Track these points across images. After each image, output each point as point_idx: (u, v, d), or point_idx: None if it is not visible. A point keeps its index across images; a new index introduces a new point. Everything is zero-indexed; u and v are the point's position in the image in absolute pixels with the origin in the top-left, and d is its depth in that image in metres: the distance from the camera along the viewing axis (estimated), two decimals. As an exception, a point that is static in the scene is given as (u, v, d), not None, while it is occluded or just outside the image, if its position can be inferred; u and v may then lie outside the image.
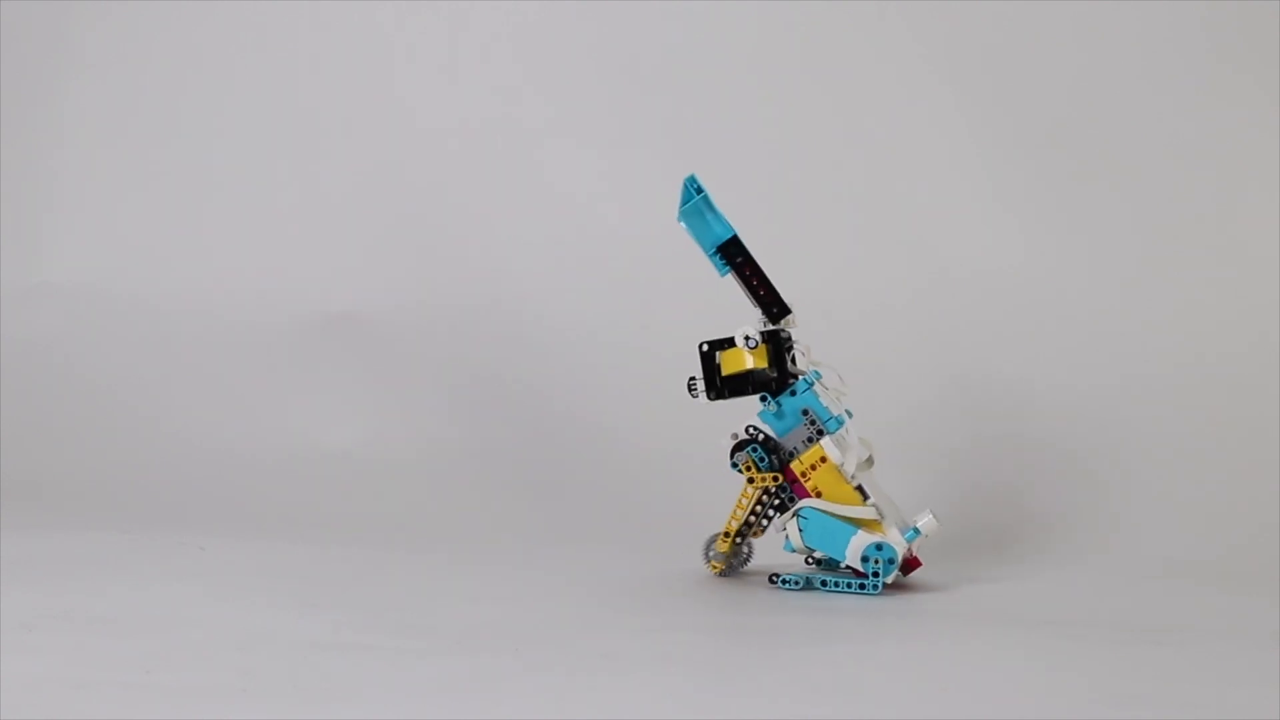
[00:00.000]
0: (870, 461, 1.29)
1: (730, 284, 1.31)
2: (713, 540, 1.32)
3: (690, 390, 1.29)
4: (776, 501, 1.29)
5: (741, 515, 1.29)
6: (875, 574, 1.23)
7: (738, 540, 1.30)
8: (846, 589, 1.25)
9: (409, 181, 1.83)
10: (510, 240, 1.79)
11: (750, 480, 1.28)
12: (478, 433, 1.70)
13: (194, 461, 1.71)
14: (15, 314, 1.90)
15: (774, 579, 1.26)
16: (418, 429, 1.71)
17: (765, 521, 1.30)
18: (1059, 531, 1.47)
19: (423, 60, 1.85)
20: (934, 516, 1.26)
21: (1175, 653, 1.06)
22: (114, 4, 1.93)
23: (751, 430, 1.28)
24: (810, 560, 1.30)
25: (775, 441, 1.28)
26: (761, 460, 1.27)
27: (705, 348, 1.29)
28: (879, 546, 1.24)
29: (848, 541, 1.24)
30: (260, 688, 0.90)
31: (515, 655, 1.01)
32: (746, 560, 1.32)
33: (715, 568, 1.31)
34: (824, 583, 1.25)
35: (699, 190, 1.28)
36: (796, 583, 1.25)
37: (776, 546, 1.29)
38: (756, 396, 1.28)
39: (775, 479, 1.27)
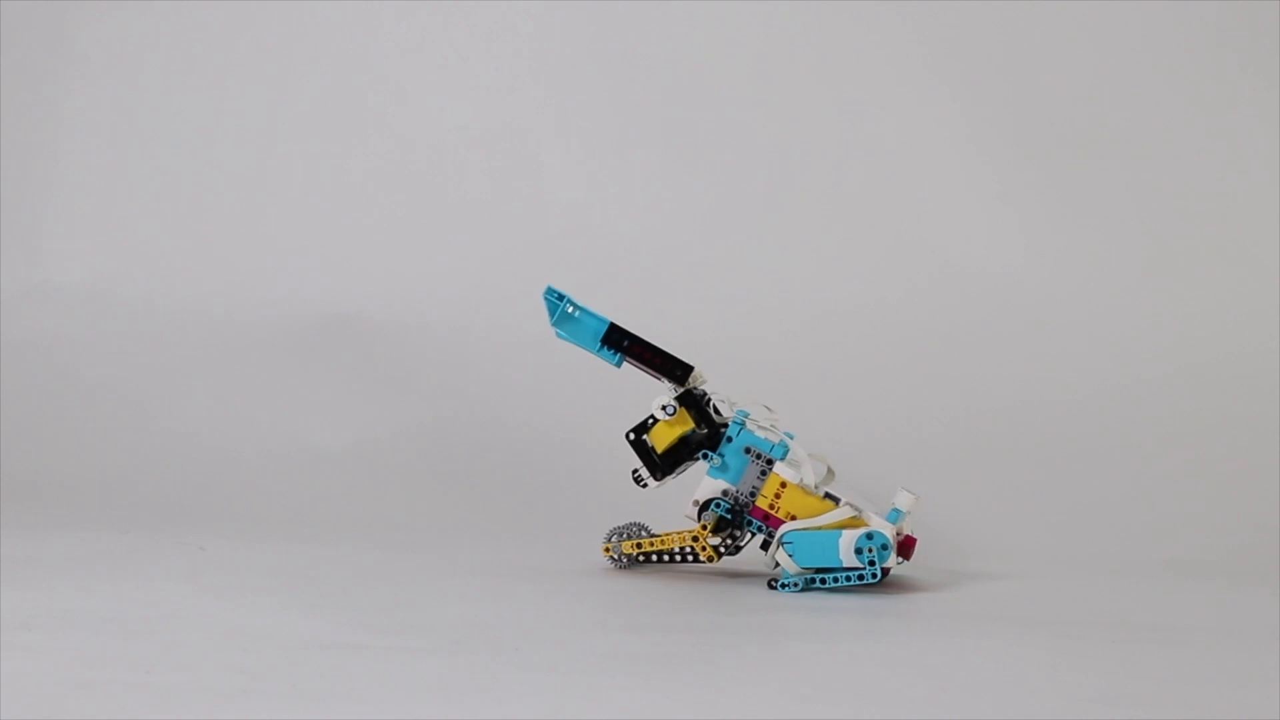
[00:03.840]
0: (831, 474, 1.29)
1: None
2: (623, 534, 1.33)
3: (638, 482, 1.30)
4: (692, 559, 1.31)
5: (658, 547, 1.31)
6: (872, 562, 1.23)
7: (640, 558, 1.33)
8: (846, 582, 1.25)
9: (409, 182, 1.83)
10: (510, 240, 1.79)
11: (694, 538, 1.29)
12: (477, 433, 1.70)
13: (194, 461, 1.71)
14: (15, 314, 1.90)
15: (773, 584, 1.26)
16: (418, 429, 1.71)
17: (670, 560, 1.32)
18: (1059, 531, 1.47)
19: (423, 60, 1.85)
20: (907, 490, 1.27)
21: (1175, 653, 1.06)
22: (114, 4, 1.93)
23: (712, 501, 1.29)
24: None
25: (735, 494, 1.28)
26: (726, 514, 1.27)
27: (632, 436, 1.30)
28: (869, 535, 1.24)
29: (837, 545, 1.24)
30: (260, 688, 0.90)
31: (515, 655, 1.01)
32: (630, 566, 1.34)
33: (607, 550, 1.32)
34: (823, 580, 1.25)
35: (560, 298, 1.28)
36: (796, 584, 1.25)
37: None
38: (700, 457, 1.29)
39: (710, 558, 1.28)
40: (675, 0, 1.77)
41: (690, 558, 1.32)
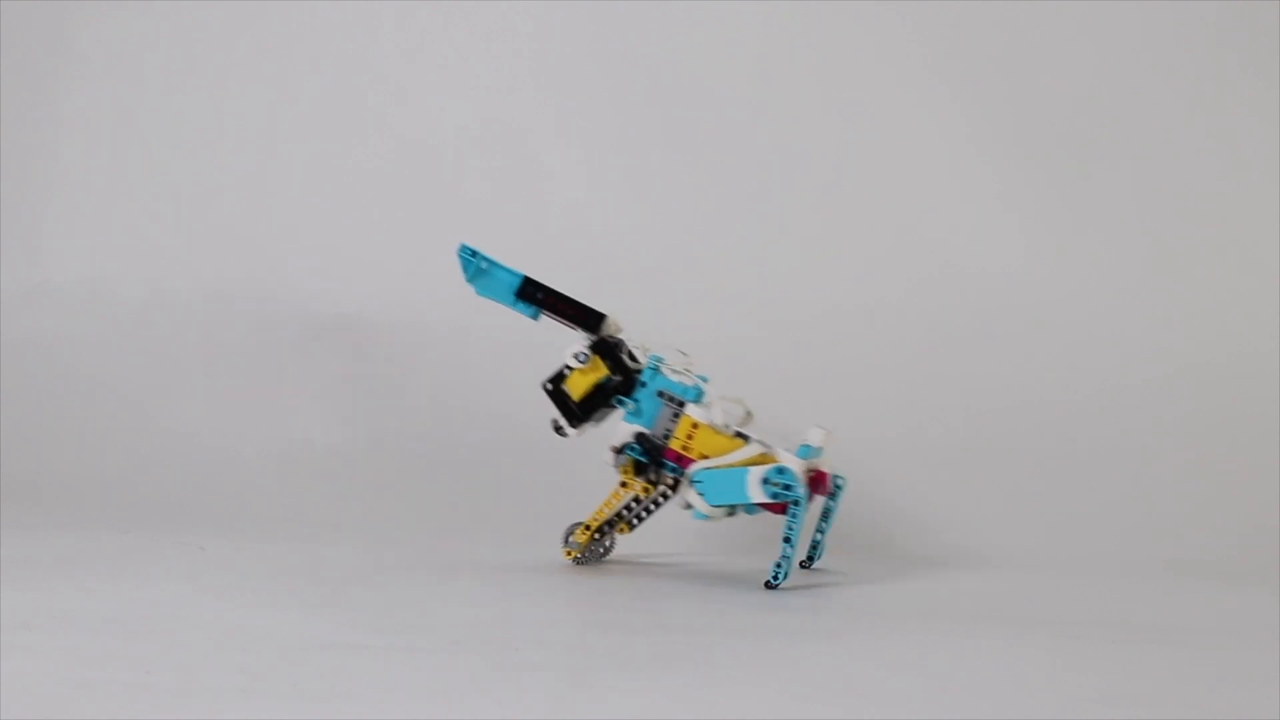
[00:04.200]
0: (750, 416, 1.32)
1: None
2: (573, 529, 1.36)
3: (558, 432, 1.33)
4: (653, 505, 1.35)
5: (606, 513, 1.34)
6: (787, 487, 1.24)
7: (597, 535, 1.35)
8: (792, 519, 1.24)
9: (409, 182, 1.83)
10: (510, 240, 1.79)
11: (624, 484, 1.31)
12: (477, 433, 1.70)
13: (194, 461, 1.72)
14: (15, 314, 1.90)
15: (769, 585, 1.26)
16: (417, 429, 1.71)
17: (637, 521, 1.36)
18: (1059, 531, 1.47)
19: (423, 60, 1.85)
20: (820, 426, 1.29)
21: (1175, 653, 1.06)
22: (114, 4, 1.93)
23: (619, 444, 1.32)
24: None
25: (649, 436, 1.30)
26: (642, 457, 1.30)
27: (550, 386, 1.33)
28: (779, 470, 1.25)
29: (745, 481, 1.26)
30: (260, 688, 0.90)
31: (515, 655, 1.01)
32: (607, 553, 1.37)
33: (569, 554, 1.35)
34: (787, 540, 1.25)
35: (474, 254, 1.32)
36: (780, 565, 1.25)
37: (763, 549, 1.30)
38: (615, 404, 1.31)
39: (645, 490, 1.31)
40: (675, 0, 1.77)
41: (636, 504, 1.35)
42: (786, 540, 1.25)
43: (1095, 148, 1.67)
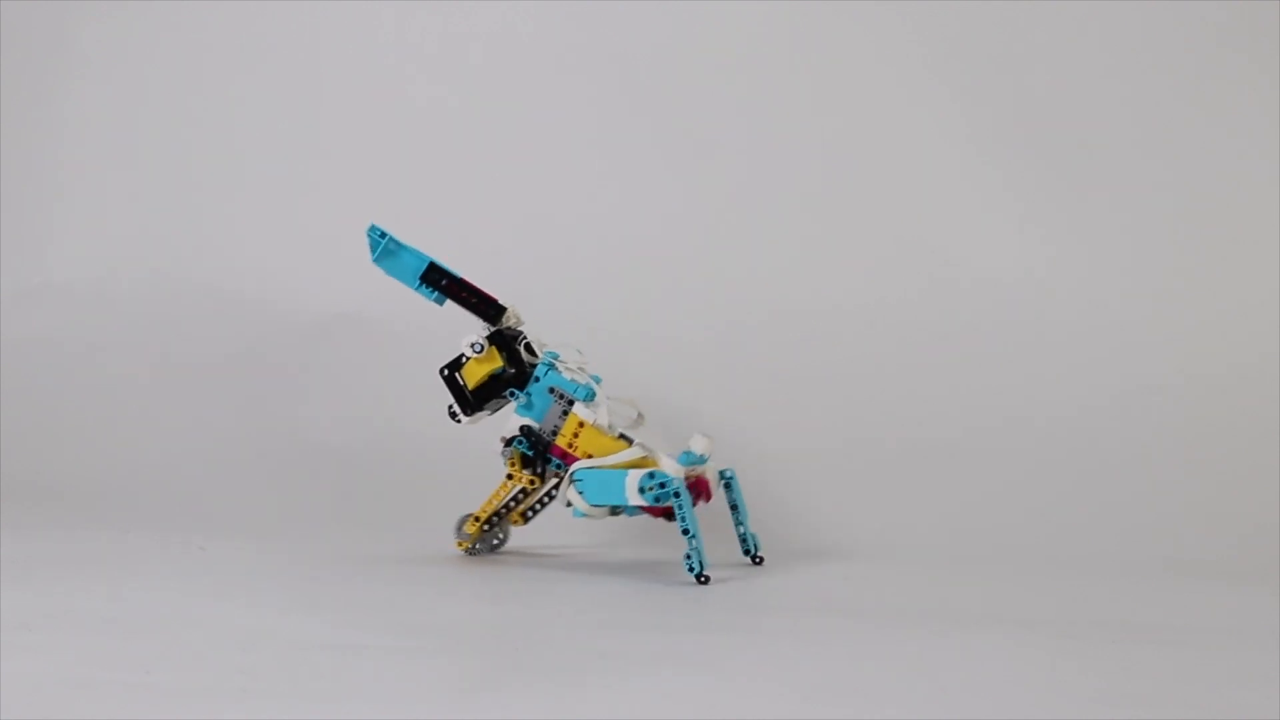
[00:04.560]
0: (641, 418, 1.33)
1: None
2: (464, 520, 1.39)
3: (453, 417, 1.36)
4: (547, 498, 1.39)
5: (494, 505, 1.37)
6: (658, 500, 1.26)
7: (486, 526, 1.38)
8: (680, 512, 1.25)
9: (408, 182, 1.83)
10: (510, 240, 1.79)
11: (509, 476, 1.34)
12: (477, 433, 1.70)
13: (194, 461, 1.72)
14: (15, 314, 1.90)
15: (699, 579, 1.26)
16: (417, 429, 1.71)
17: (531, 514, 1.40)
18: (1059, 531, 1.47)
19: (423, 60, 1.85)
20: (703, 435, 1.29)
21: (1175, 653, 1.06)
22: (115, 4, 1.93)
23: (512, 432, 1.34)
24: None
25: (536, 431, 1.33)
26: (528, 450, 1.32)
27: (446, 372, 1.35)
28: (651, 475, 1.27)
29: (624, 483, 1.27)
30: (260, 688, 0.90)
31: (514, 655, 1.01)
32: (500, 544, 1.41)
33: (462, 545, 1.38)
34: (685, 532, 1.26)
35: (383, 235, 1.34)
36: (690, 556, 1.26)
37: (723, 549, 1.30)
38: (508, 395, 1.34)
39: (531, 482, 1.34)
40: (674, 0, 1.77)
41: (524, 495, 1.37)
42: (685, 533, 1.26)
43: (1095, 149, 1.66)
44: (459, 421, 1.35)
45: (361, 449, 1.71)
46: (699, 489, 1.30)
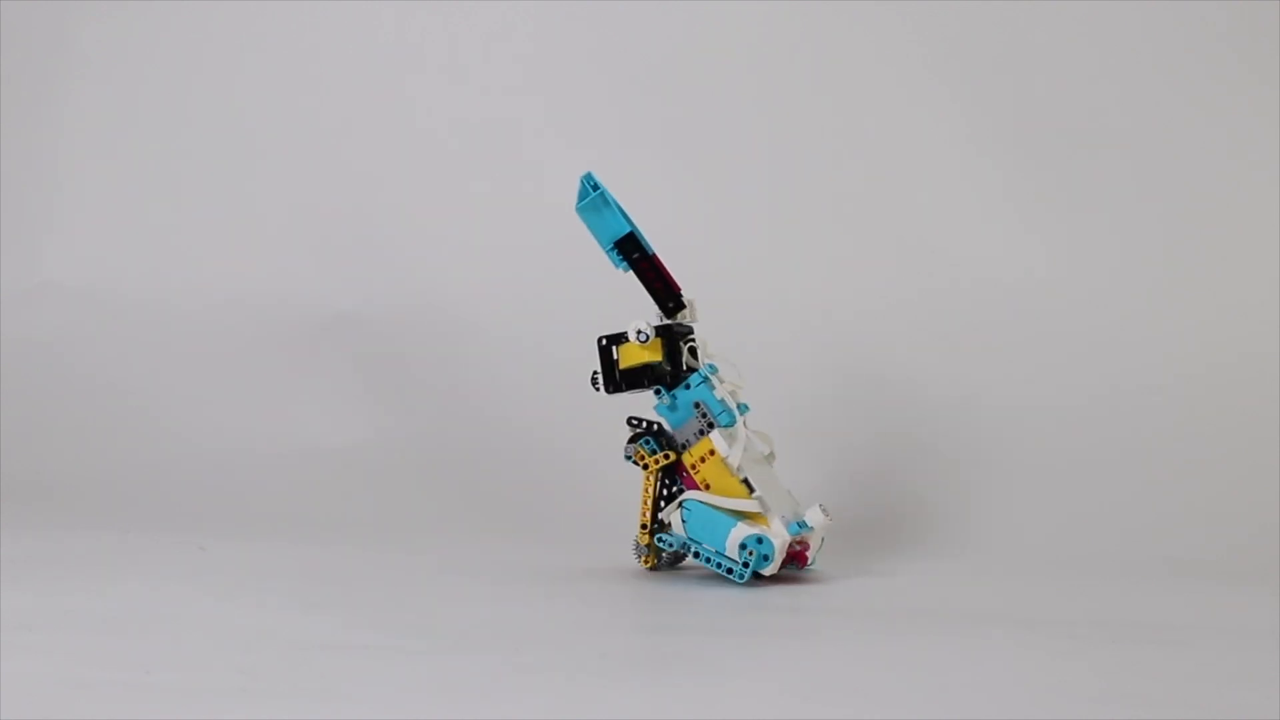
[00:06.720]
0: (771, 456, 1.30)
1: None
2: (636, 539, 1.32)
3: (593, 384, 1.30)
4: (674, 487, 1.30)
5: (650, 504, 1.30)
6: (746, 564, 1.23)
7: (657, 537, 1.30)
8: (716, 568, 1.24)
9: (408, 183, 1.83)
10: (510, 240, 1.79)
11: (645, 468, 1.29)
12: (477, 433, 1.70)
13: (194, 461, 1.71)
14: (16, 314, 1.90)
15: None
16: (417, 429, 1.71)
17: (669, 499, 1.32)
18: (1059, 531, 1.47)
19: (423, 60, 1.85)
20: (822, 509, 1.26)
21: (1175, 653, 1.06)
22: (115, 4, 1.93)
23: (635, 421, 1.30)
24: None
25: (669, 434, 1.29)
26: (653, 451, 1.28)
27: (604, 342, 1.31)
28: (759, 540, 1.23)
29: (728, 533, 1.24)
30: (260, 688, 0.90)
31: (514, 655, 1.01)
32: (682, 558, 1.32)
33: (647, 562, 1.31)
34: (698, 554, 1.26)
35: (595, 187, 1.29)
36: (671, 545, 1.26)
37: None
38: (654, 390, 1.29)
39: (666, 456, 1.28)
40: (676, 1, 1.77)
41: (670, 482, 1.30)
42: (698, 555, 1.26)
43: (1095, 149, 1.66)
44: (597, 390, 1.30)
45: (360, 449, 1.71)
46: (796, 556, 1.27)
